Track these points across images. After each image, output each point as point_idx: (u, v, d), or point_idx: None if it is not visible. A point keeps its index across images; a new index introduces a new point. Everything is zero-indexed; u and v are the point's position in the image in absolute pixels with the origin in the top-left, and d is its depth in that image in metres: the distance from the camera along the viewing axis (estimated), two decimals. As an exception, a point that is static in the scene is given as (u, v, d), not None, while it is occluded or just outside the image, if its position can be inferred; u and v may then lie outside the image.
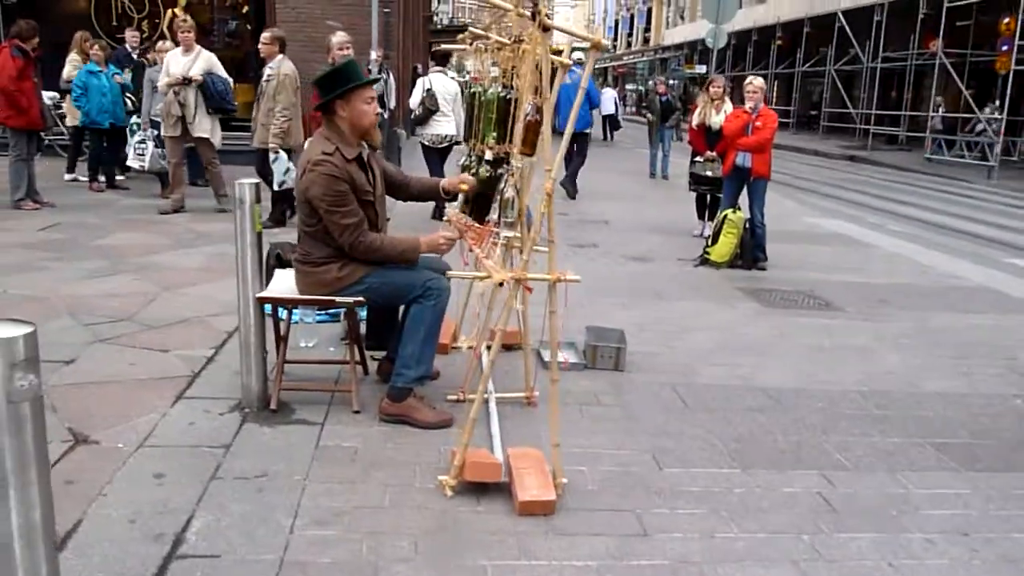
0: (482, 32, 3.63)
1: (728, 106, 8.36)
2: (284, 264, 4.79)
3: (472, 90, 4.11)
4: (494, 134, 3.76)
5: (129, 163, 9.40)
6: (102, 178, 9.65)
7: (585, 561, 2.58)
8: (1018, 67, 16.81)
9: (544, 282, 2.91)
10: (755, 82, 7.17)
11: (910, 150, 23.49)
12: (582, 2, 64.67)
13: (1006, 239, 10.15)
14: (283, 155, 6.93)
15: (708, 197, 8.64)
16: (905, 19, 22.56)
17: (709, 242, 7.35)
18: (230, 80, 8.59)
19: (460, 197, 3.88)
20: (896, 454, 3.57)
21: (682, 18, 46.01)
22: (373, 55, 10.95)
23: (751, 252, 7.26)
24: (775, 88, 34.75)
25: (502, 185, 3.11)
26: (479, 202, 3.52)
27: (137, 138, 9.27)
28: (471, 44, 4.32)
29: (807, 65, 29.38)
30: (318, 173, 3.35)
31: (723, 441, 3.58)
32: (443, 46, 4.73)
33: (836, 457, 3.50)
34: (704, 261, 7.26)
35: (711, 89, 8.54)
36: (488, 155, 3.76)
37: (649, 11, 50.13)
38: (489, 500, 2.91)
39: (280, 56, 7.30)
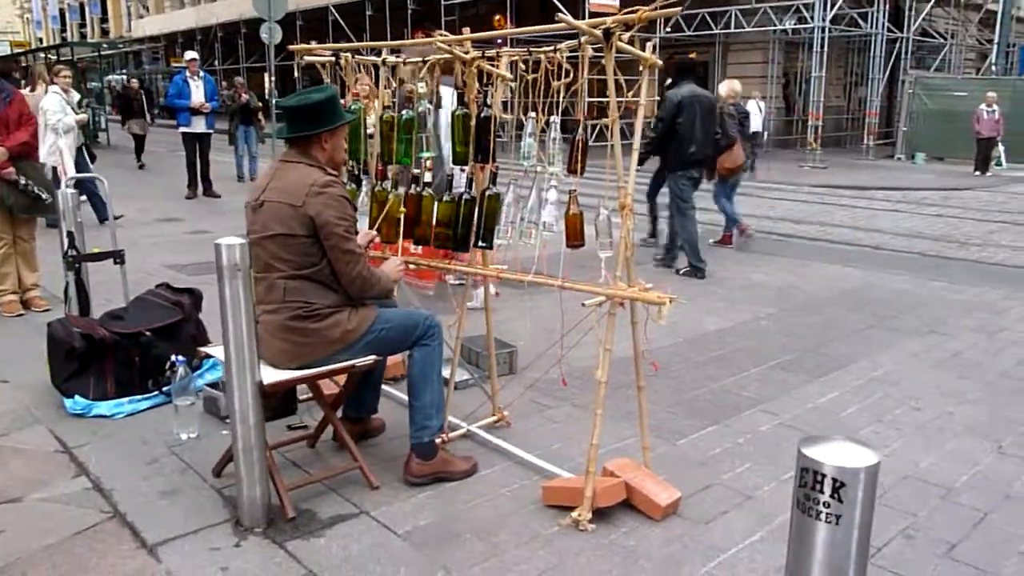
0: (446, 47, 3.31)
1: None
2: (98, 345, 3.74)
3: (354, 106, 3.68)
4: (429, 154, 3.51)
5: None
6: None
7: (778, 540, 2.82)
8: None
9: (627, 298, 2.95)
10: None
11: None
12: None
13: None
14: None
15: None
16: (397, 12, 24.69)
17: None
18: None
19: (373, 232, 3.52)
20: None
21: (146, 9, 42.74)
22: None
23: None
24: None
25: (548, 204, 3.00)
26: (466, 227, 3.26)
27: None
28: (336, 56, 3.87)
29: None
30: (330, 195, 2.86)
31: (671, 405, 4.03)
32: (308, 58, 4.02)
33: (780, 377, 4.22)
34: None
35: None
36: (427, 176, 3.48)
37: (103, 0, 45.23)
38: (620, 520, 2.90)
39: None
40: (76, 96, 8.92)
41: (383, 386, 3.95)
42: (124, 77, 39.98)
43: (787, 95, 22.68)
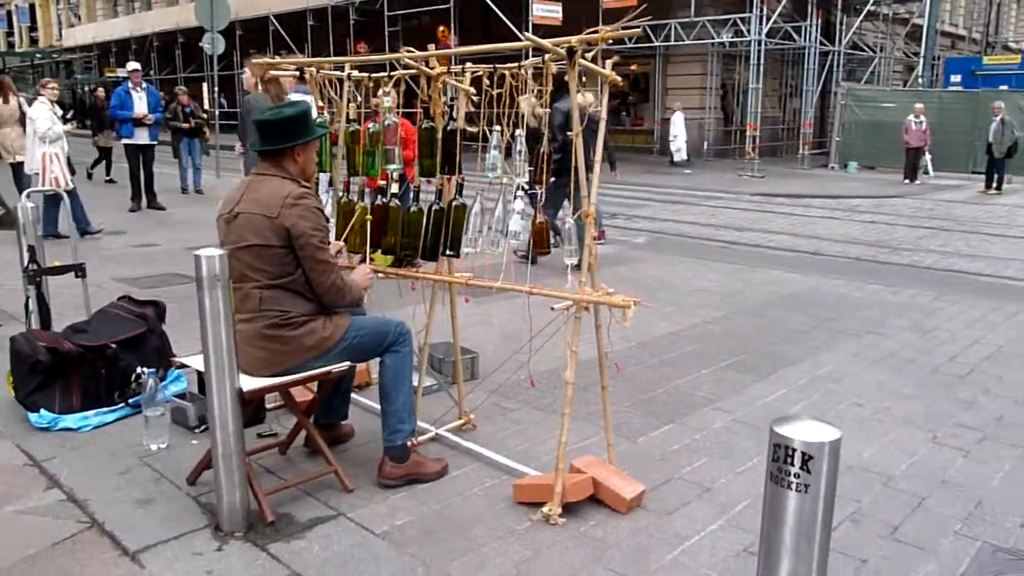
0: (413, 62, 3.41)
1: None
2: (63, 358, 3.74)
3: (320, 120, 3.76)
4: (396, 166, 3.62)
5: None
6: None
7: (741, 528, 3.00)
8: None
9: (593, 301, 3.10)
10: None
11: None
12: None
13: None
14: None
15: None
16: (339, 22, 24.60)
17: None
18: None
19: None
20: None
21: (78, 17, 41.66)
22: None
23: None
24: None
25: (518, 212, 3.13)
26: (434, 237, 3.38)
27: None
28: (299, 70, 3.95)
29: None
30: (305, 207, 2.96)
31: (630, 405, 4.20)
32: (273, 72, 4.06)
33: (730, 377, 4.43)
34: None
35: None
36: (395, 187, 3.60)
37: (32, 8, 43.93)
38: (588, 514, 3.04)
39: None
40: (59, 110, 8.93)
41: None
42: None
43: (725, 106, 23.33)
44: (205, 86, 30.49)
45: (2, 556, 2.70)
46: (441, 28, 20.43)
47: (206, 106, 21.88)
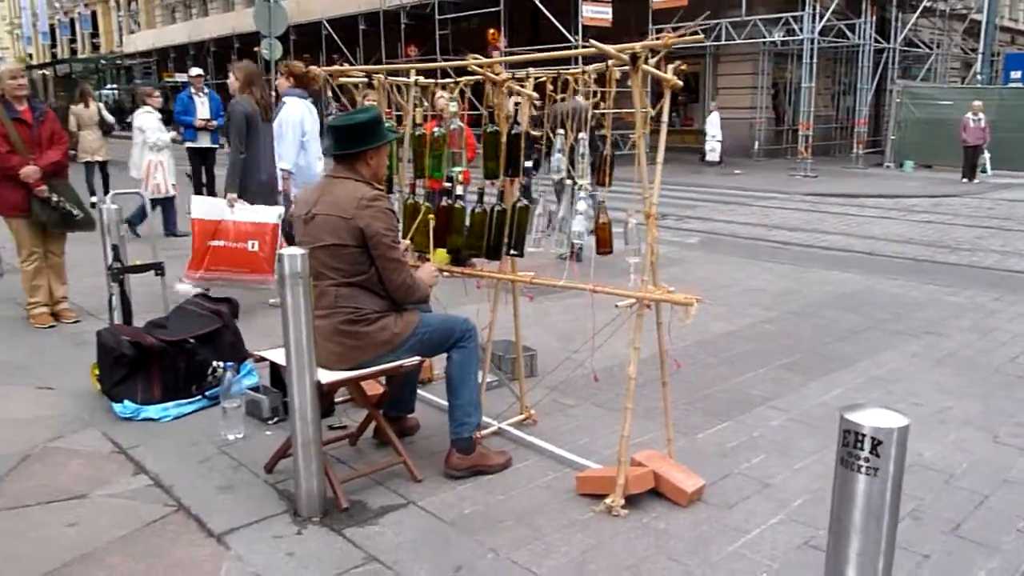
0: (480, 68, 3.55)
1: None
2: (146, 352, 3.94)
3: (388, 124, 3.91)
4: (456, 169, 3.75)
5: None
6: None
7: (801, 519, 3.06)
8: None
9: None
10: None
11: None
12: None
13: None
14: None
15: None
16: (390, 26, 24.96)
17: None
18: None
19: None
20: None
21: (137, 24, 42.94)
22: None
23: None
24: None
25: (581, 215, 3.24)
26: (497, 237, 3.50)
27: None
28: (367, 77, 4.11)
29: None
30: (378, 208, 3.11)
31: (687, 403, 4.27)
32: (345, 79, 4.24)
33: (785, 376, 4.47)
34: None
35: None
36: (459, 189, 3.73)
37: (94, 15, 45.44)
38: (649, 506, 3.13)
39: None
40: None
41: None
42: (115, 91, 40.22)
43: (776, 105, 23.07)
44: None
45: (98, 536, 2.89)
46: (491, 31, 20.60)
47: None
